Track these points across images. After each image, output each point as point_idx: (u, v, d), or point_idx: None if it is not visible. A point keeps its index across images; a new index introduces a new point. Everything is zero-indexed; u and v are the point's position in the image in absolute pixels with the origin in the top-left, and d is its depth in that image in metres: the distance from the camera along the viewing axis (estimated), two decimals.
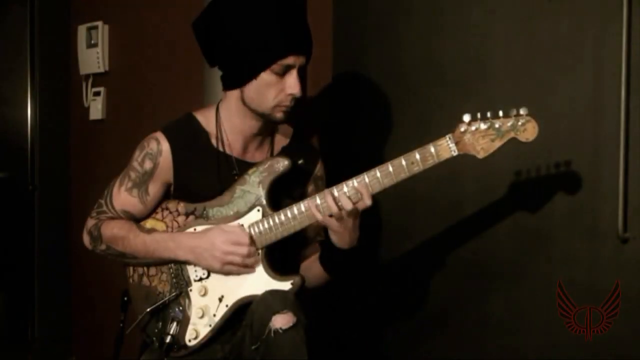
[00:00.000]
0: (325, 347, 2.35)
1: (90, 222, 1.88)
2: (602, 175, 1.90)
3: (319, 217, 1.70)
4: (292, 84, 1.71)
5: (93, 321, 3.37)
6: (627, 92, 1.83)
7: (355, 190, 1.67)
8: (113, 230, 1.82)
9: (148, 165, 1.81)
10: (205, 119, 1.86)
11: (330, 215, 1.69)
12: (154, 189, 1.83)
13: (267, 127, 1.85)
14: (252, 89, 1.74)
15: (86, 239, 1.89)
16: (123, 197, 1.84)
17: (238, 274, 1.75)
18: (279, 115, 1.76)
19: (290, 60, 1.69)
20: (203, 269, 1.78)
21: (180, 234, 1.79)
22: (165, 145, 1.80)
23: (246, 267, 1.74)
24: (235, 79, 1.77)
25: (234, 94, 1.79)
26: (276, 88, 1.72)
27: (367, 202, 1.67)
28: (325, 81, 2.54)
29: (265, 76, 1.70)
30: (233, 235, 1.73)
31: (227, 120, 1.84)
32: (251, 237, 1.74)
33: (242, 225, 1.76)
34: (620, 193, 1.84)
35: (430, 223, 2.26)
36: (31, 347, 3.39)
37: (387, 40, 2.38)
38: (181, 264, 1.80)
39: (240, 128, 1.83)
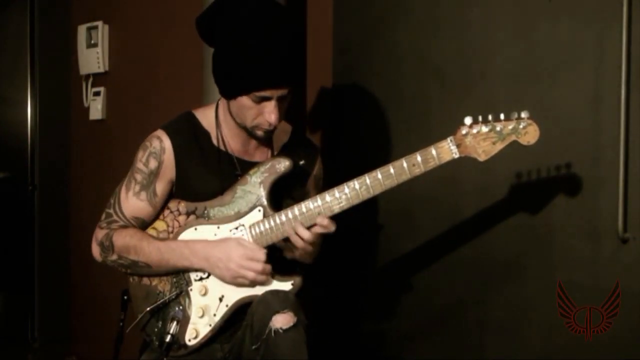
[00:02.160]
0: (326, 347, 2.35)
1: (101, 233, 1.83)
2: (602, 176, 1.90)
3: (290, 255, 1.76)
4: (268, 112, 1.70)
5: (93, 321, 3.37)
6: (627, 92, 1.83)
7: (320, 215, 1.70)
8: (125, 238, 1.79)
9: (153, 164, 1.80)
10: (205, 118, 1.86)
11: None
12: (161, 189, 1.82)
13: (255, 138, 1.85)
14: (234, 106, 1.74)
15: (96, 251, 1.84)
16: (132, 202, 1.81)
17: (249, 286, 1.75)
18: (259, 133, 1.76)
19: (266, 93, 1.67)
20: (215, 277, 1.77)
21: (195, 241, 1.77)
22: (167, 143, 1.80)
23: (256, 284, 1.74)
24: (221, 91, 1.78)
25: (225, 101, 1.80)
26: (255, 111, 1.71)
27: (331, 228, 1.71)
28: (325, 83, 2.54)
29: (244, 100, 1.70)
30: (249, 251, 1.72)
31: (225, 121, 1.84)
32: (267, 256, 1.73)
33: (244, 225, 1.76)
34: (620, 193, 1.84)
35: (430, 224, 2.26)
36: (31, 347, 3.39)
37: (386, 41, 2.38)
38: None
39: (236, 130, 1.83)
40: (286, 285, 1.73)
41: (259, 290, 1.72)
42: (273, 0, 1.74)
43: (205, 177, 1.81)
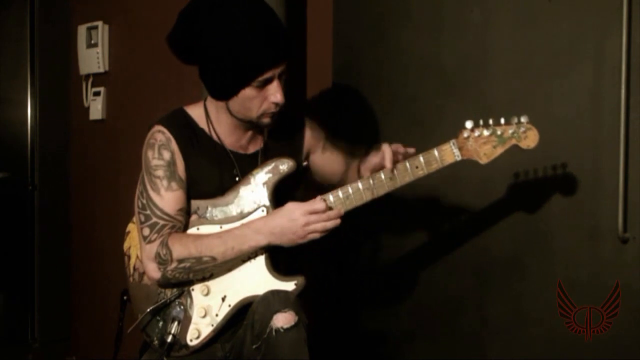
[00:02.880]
0: (327, 346, 2.35)
1: (153, 247, 1.73)
2: (602, 176, 1.90)
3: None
4: (273, 93, 1.70)
5: (93, 321, 3.37)
6: (627, 93, 1.84)
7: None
8: (182, 239, 1.73)
9: (167, 155, 1.77)
10: (197, 115, 1.85)
11: None
12: (183, 176, 1.78)
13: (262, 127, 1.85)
14: (236, 103, 1.73)
15: (152, 268, 1.74)
16: (169, 197, 1.75)
17: (320, 239, 1.73)
18: (265, 121, 1.76)
19: (268, 74, 1.67)
20: (287, 245, 1.73)
21: (251, 221, 1.74)
22: (169, 134, 1.78)
23: (328, 232, 1.71)
24: (217, 94, 1.77)
25: (221, 102, 1.79)
26: (259, 99, 1.71)
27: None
28: (325, 83, 2.55)
29: (247, 92, 1.69)
30: (307, 205, 1.70)
31: (218, 120, 1.83)
32: (325, 202, 1.72)
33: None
34: (620, 193, 1.85)
35: (430, 223, 2.26)
36: (31, 347, 3.39)
37: (387, 41, 2.38)
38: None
39: (231, 127, 1.82)
40: (289, 285, 1.72)
41: (261, 290, 1.72)
42: None
43: (204, 169, 1.80)
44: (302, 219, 1.68)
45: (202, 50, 1.71)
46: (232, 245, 1.71)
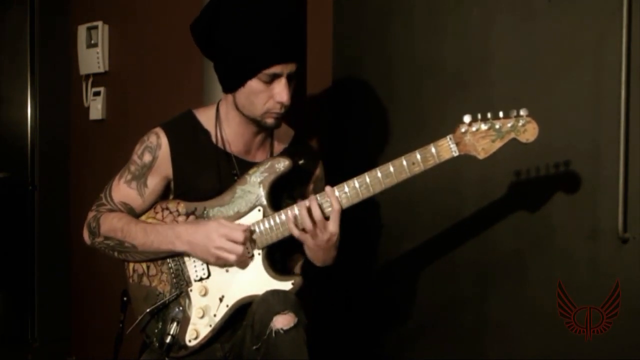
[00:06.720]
0: (326, 347, 2.35)
1: (90, 215, 1.88)
2: (602, 176, 1.90)
3: (295, 232, 1.72)
4: (279, 92, 1.71)
5: (93, 321, 3.37)
6: (627, 92, 1.83)
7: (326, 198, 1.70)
8: (112, 220, 1.82)
9: (147, 158, 1.83)
10: (206, 117, 1.87)
11: (305, 230, 1.71)
12: (153, 183, 1.84)
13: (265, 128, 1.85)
14: (242, 95, 1.75)
15: (85, 234, 1.89)
16: (122, 189, 1.85)
17: (230, 266, 1.77)
18: (269, 121, 1.77)
19: (276, 69, 1.68)
20: (199, 261, 1.79)
21: (180, 224, 1.79)
22: (164, 140, 1.82)
23: (238, 264, 1.75)
24: (227, 85, 1.79)
25: (230, 97, 1.80)
26: (265, 95, 1.72)
27: (336, 206, 1.69)
28: (325, 83, 2.54)
29: (253, 84, 1.70)
30: (229, 231, 1.73)
31: (227, 120, 1.85)
32: (250, 234, 1.75)
33: (242, 224, 1.76)
34: (620, 193, 1.84)
35: (430, 223, 2.26)
36: (31, 347, 3.39)
37: (386, 41, 2.38)
38: (179, 258, 1.81)
39: (239, 128, 1.84)
40: (286, 285, 1.73)
41: (259, 290, 1.72)
42: None
43: (202, 175, 1.82)
44: (217, 241, 1.72)
45: (217, 36, 1.73)
46: (152, 240, 1.78)
